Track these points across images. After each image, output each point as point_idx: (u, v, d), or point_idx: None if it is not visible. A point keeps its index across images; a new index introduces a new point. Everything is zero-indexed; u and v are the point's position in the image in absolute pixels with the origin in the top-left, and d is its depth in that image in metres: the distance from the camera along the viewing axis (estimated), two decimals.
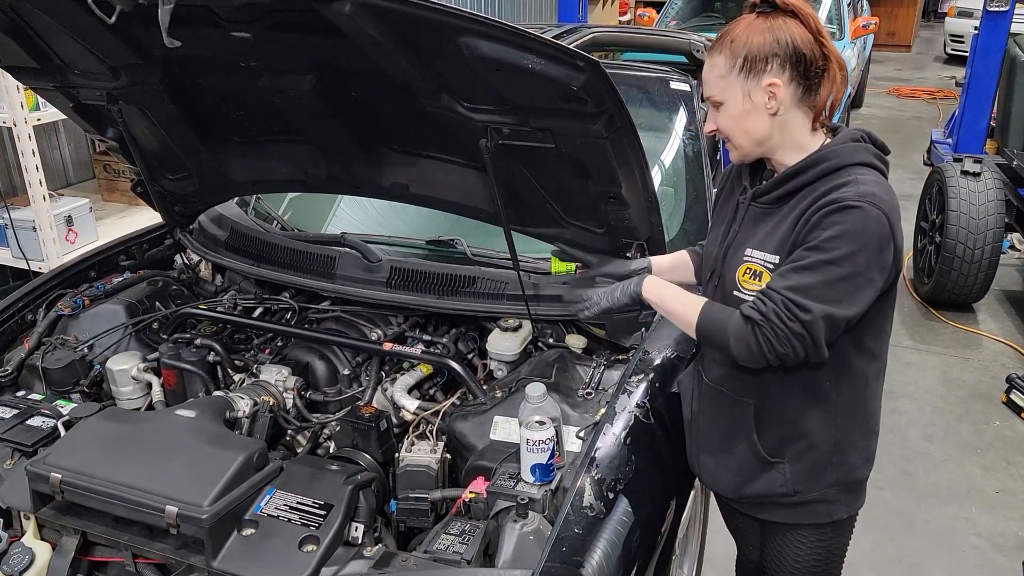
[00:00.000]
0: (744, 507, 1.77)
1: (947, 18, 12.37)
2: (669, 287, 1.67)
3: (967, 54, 5.19)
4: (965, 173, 4.31)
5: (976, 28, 4.88)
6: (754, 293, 1.51)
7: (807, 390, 1.56)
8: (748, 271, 1.54)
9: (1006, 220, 4.31)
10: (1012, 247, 4.55)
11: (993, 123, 5.04)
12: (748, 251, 1.55)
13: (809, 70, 1.46)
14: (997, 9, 4.60)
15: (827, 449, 1.61)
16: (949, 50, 12.29)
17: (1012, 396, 3.77)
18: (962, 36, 11.28)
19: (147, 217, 3.24)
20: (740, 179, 1.65)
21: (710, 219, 1.98)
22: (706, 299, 1.59)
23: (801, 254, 1.43)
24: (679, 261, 1.90)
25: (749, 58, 1.45)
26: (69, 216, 3.49)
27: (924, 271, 4.70)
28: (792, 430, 1.61)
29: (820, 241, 1.40)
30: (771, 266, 1.50)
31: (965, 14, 11.26)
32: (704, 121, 1.66)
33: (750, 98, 1.47)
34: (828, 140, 1.53)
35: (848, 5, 7.50)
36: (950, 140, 5.30)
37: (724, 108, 1.51)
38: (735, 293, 1.57)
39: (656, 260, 1.89)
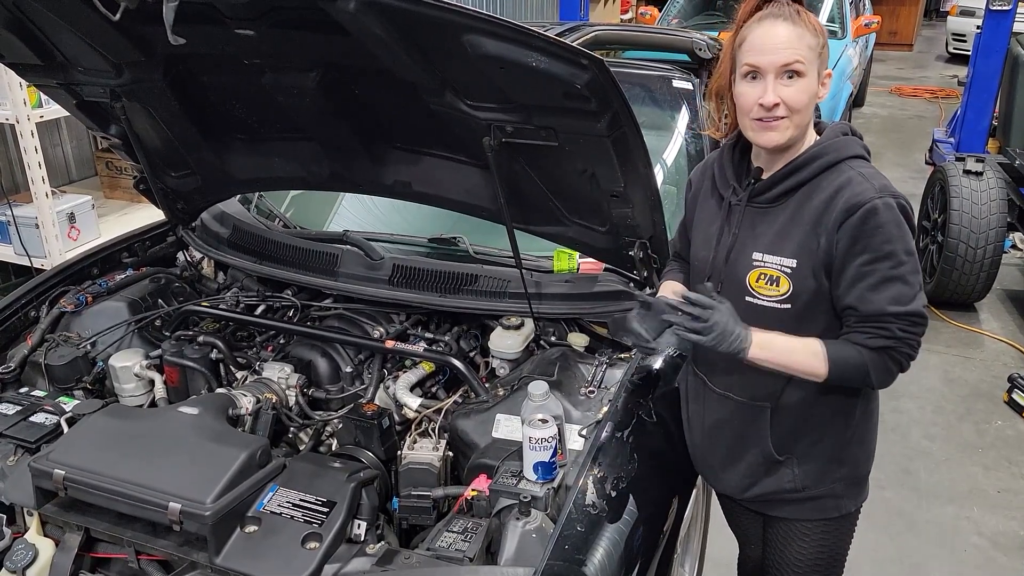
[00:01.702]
0: (751, 505, 1.77)
1: (949, 17, 12.32)
2: (773, 348, 1.51)
3: (969, 53, 5.18)
4: (967, 172, 4.30)
5: (978, 27, 4.87)
6: (771, 298, 1.52)
7: (827, 386, 1.56)
8: (763, 276, 1.53)
9: (1008, 219, 4.30)
10: (1014, 246, 4.54)
11: (995, 122, 5.04)
12: (758, 255, 1.54)
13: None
14: (1000, 8, 4.59)
15: (836, 444, 1.63)
16: (951, 49, 12.25)
17: (1014, 395, 3.76)
18: (964, 35, 11.24)
19: (149, 214, 3.23)
20: (725, 179, 1.63)
21: None
22: (814, 340, 1.51)
23: (863, 270, 1.45)
24: (673, 287, 1.78)
25: (825, 44, 1.48)
26: (71, 213, 3.49)
27: (926, 270, 4.70)
28: (804, 427, 1.62)
29: (875, 251, 1.43)
30: (788, 270, 1.50)
31: (967, 13, 11.22)
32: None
33: (819, 82, 1.49)
34: (816, 136, 1.56)
35: (850, 4, 7.48)
36: (952, 139, 5.29)
37: (803, 81, 1.46)
38: (748, 299, 1.56)
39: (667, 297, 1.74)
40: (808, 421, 1.61)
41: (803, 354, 1.51)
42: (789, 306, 1.52)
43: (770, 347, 1.52)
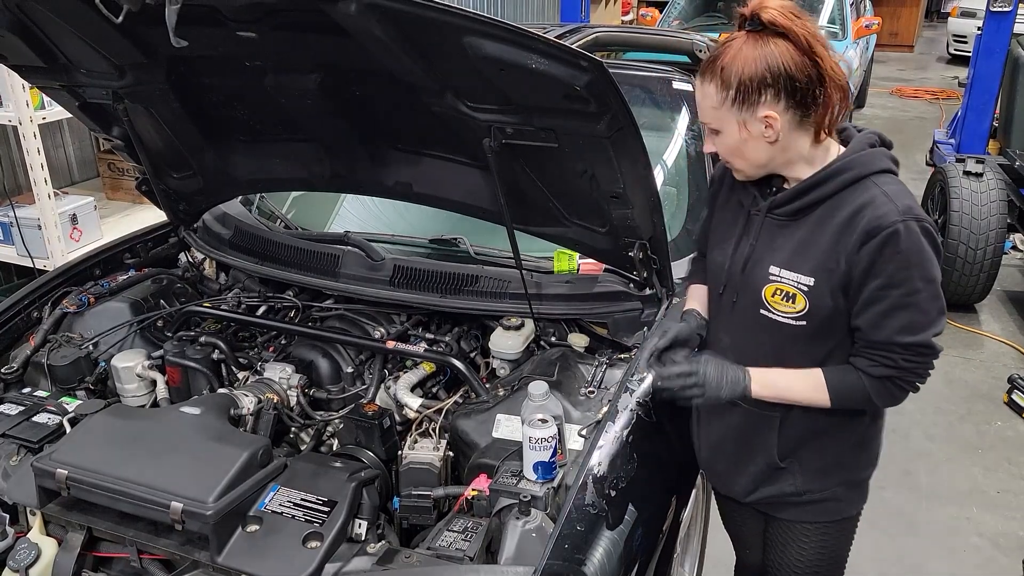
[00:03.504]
0: (754, 505, 1.77)
1: (950, 18, 12.33)
2: (773, 377, 1.56)
3: (970, 54, 5.19)
4: (967, 174, 4.31)
5: (979, 28, 4.88)
6: (786, 315, 1.50)
7: None
8: (779, 292, 1.50)
9: (1008, 221, 4.31)
10: (1015, 248, 4.55)
11: (996, 124, 5.04)
12: (775, 270, 1.50)
13: (805, 96, 1.40)
14: (1000, 9, 4.60)
15: (839, 449, 1.63)
16: (952, 50, 12.25)
17: (1014, 396, 3.77)
18: (965, 36, 11.25)
19: (151, 215, 3.24)
20: (745, 186, 1.58)
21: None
22: (815, 370, 1.52)
23: (877, 294, 1.42)
24: (702, 296, 1.78)
25: (741, 89, 1.39)
26: (74, 214, 3.49)
27: None
28: (811, 435, 1.61)
29: (890, 277, 1.40)
30: (805, 288, 1.47)
31: (968, 14, 11.23)
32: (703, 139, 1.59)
33: (746, 128, 1.43)
34: (840, 147, 1.51)
35: (851, 5, 7.49)
36: (953, 140, 5.30)
37: (721, 137, 1.48)
38: (763, 312, 1.54)
39: (695, 308, 1.77)
40: (816, 429, 1.60)
41: (804, 387, 1.53)
42: (805, 323, 1.50)
43: (771, 385, 1.55)
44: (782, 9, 1.38)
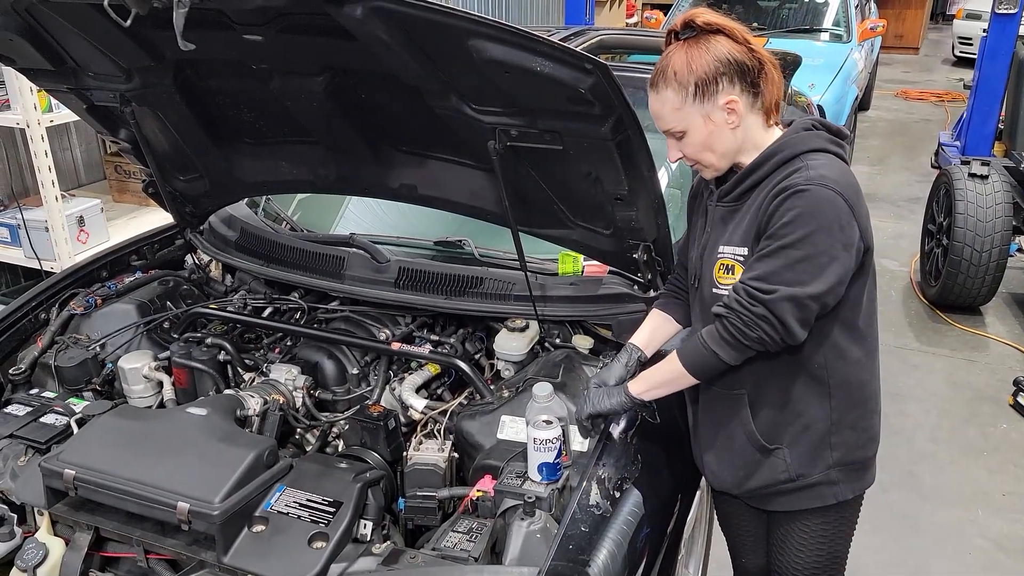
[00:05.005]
0: (751, 501, 1.78)
1: (955, 20, 12.32)
2: (645, 376, 1.68)
3: (975, 56, 5.18)
4: (973, 176, 4.30)
5: (985, 30, 4.87)
6: (729, 286, 1.57)
7: (797, 371, 1.60)
8: (722, 267, 1.59)
9: (1014, 223, 4.29)
10: (1020, 250, 4.54)
11: (1001, 125, 5.03)
12: (720, 248, 1.60)
13: (755, 77, 1.52)
14: (1006, 11, 4.60)
15: (823, 429, 1.64)
16: (957, 52, 12.24)
17: (1019, 399, 3.76)
18: (970, 38, 11.24)
19: (158, 218, 3.27)
20: (707, 183, 1.69)
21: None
22: (674, 350, 1.62)
23: (762, 244, 1.50)
24: (653, 326, 1.85)
25: (700, 84, 1.49)
26: (81, 216, 3.52)
27: (931, 274, 4.70)
28: (787, 413, 1.63)
29: (776, 228, 1.47)
30: (740, 258, 1.56)
31: (973, 16, 11.21)
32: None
33: (711, 120, 1.52)
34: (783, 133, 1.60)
35: (856, 7, 7.48)
36: (958, 143, 5.29)
37: (687, 137, 1.56)
38: (713, 291, 1.61)
39: (637, 342, 1.83)
40: (788, 407, 1.63)
41: (666, 365, 1.62)
42: None
43: (643, 378, 1.67)
44: (710, 12, 1.53)
